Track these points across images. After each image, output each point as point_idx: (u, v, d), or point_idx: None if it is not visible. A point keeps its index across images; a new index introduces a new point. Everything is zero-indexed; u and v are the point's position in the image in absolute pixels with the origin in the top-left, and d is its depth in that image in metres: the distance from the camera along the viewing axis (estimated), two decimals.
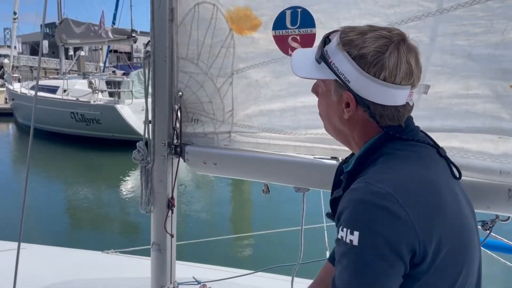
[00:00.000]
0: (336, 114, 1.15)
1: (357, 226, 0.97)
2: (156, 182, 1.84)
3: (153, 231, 1.89)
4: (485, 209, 1.32)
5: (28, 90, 18.56)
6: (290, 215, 6.72)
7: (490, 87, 1.25)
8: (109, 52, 26.36)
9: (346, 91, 1.10)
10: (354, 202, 1.00)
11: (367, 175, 1.04)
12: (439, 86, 1.32)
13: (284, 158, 1.69)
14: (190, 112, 1.86)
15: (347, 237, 0.98)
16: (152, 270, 1.91)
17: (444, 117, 1.33)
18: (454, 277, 1.04)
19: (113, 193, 10.38)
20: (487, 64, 1.24)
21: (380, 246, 0.96)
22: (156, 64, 1.79)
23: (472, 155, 1.33)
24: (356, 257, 0.97)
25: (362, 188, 1.01)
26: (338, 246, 1.02)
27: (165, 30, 1.77)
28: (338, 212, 1.04)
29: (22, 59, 40.00)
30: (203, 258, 3.31)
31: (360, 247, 0.96)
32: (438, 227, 0.99)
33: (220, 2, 1.71)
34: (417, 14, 1.31)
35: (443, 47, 1.30)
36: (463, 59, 1.27)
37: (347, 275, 0.99)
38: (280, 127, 1.70)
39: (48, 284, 2.46)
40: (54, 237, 6.69)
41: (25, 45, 46.57)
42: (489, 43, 1.23)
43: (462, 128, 1.32)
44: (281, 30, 1.60)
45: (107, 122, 14.85)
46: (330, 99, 1.15)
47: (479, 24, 1.22)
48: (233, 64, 1.74)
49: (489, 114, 1.27)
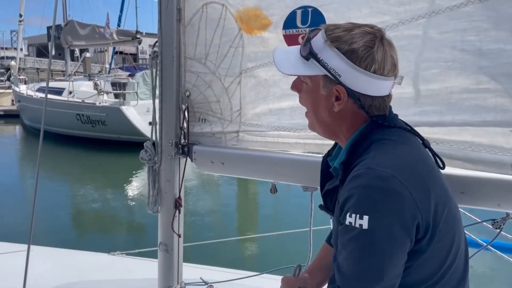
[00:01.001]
0: (326, 109, 1.19)
1: (366, 210, 1.01)
2: (163, 182, 1.84)
3: (160, 231, 1.88)
4: (496, 207, 1.32)
5: (34, 92, 18.65)
6: (297, 217, 6.72)
7: (500, 82, 1.27)
8: (114, 53, 26.47)
9: (337, 85, 1.15)
10: (360, 188, 1.04)
11: (366, 161, 1.08)
12: (450, 81, 1.33)
13: (292, 157, 1.69)
14: (197, 112, 1.85)
15: (356, 222, 1.02)
16: (159, 270, 1.91)
17: (455, 112, 1.34)
18: (449, 246, 1.11)
19: (119, 194, 10.40)
20: (497, 58, 1.26)
21: (390, 227, 1.02)
22: (163, 64, 1.79)
23: (484, 148, 1.34)
24: (366, 241, 1.02)
25: (365, 173, 1.05)
26: (345, 232, 1.06)
27: (173, 30, 1.77)
28: (341, 200, 1.08)
29: (29, 61, 40.29)
30: (210, 260, 3.30)
31: (370, 230, 1.01)
32: (434, 198, 1.06)
33: (229, 2, 1.71)
34: (427, 11, 1.32)
35: (454, 43, 1.31)
36: (474, 54, 1.28)
37: (355, 259, 1.04)
38: (290, 125, 1.70)
39: (55, 286, 2.47)
40: (60, 238, 6.71)
41: (32, 47, 46.90)
42: (499, 38, 1.25)
43: (473, 122, 1.32)
44: (291, 29, 1.61)
45: (113, 123, 14.90)
46: (318, 94, 1.19)
47: (488, 20, 1.24)
48: (241, 63, 1.74)
49: (500, 108, 1.28)
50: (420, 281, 1.10)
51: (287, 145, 1.73)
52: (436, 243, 1.07)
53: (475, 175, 1.32)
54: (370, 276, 1.04)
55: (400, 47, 1.23)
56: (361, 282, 1.05)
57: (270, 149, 1.75)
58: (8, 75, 27.47)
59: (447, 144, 1.37)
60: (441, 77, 1.33)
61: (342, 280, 1.08)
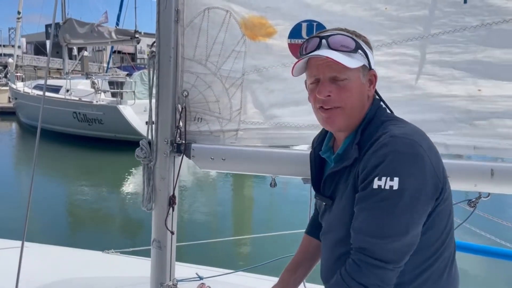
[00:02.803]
0: (365, 95, 1.33)
1: (396, 173, 1.13)
2: (158, 179, 1.86)
3: (154, 228, 1.90)
4: (473, 187, 1.65)
5: (31, 90, 18.61)
6: (292, 219, 6.74)
7: (465, 90, 1.66)
8: (112, 52, 26.43)
9: (371, 70, 1.33)
10: (389, 154, 1.15)
11: (388, 133, 1.20)
12: (430, 89, 1.69)
13: (292, 151, 1.81)
14: (193, 111, 1.88)
15: (386, 184, 1.13)
16: (152, 267, 1.92)
17: (433, 110, 1.69)
18: (449, 211, 1.26)
19: (114, 193, 10.40)
20: (465, 74, 1.65)
21: (417, 188, 1.14)
22: (160, 64, 1.81)
23: (452, 136, 1.72)
24: (396, 200, 1.12)
25: (392, 141, 1.17)
26: (371, 195, 1.16)
27: (170, 31, 1.79)
28: (368, 168, 1.18)
29: (26, 59, 40.16)
30: (203, 260, 3.32)
31: (400, 190, 1.12)
32: (442, 165, 1.23)
33: (234, 10, 1.77)
34: (414, 36, 1.67)
35: (434, 61, 1.67)
36: (449, 70, 1.66)
37: (381, 217, 1.14)
38: (292, 123, 1.82)
39: (48, 283, 2.47)
40: (55, 236, 6.71)
41: (29, 44, 46.75)
42: (466, 60, 1.64)
43: (446, 119, 1.69)
44: (297, 39, 1.73)
45: (109, 122, 14.89)
46: (359, 83, 1.31)
47: (458, 46, 1.64)
48: (244, 66, 1.81)
49: (464, 108, 1.68)
50: (430, 243, 1.22)
51: (290, 140, 1.84)
52: (441, 205, 1.21)
53: (457, 162, 1.66)
54: (396, 231, 1.14)
55: (393, 61, 1.69)
56: (387, 238, 1.14)
57: (272, 145, 1.85)
58: (5, 72, 27.37)
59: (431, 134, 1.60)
60: (424, 86, 1.69)
61: (366, 240, 1.17)
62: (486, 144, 1.67)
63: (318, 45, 1.30)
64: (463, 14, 1.60)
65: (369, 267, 1.15)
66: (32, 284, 2.34)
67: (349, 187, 1.27)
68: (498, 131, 1.65)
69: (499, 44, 1.60)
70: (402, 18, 1.66)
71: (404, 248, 1.16)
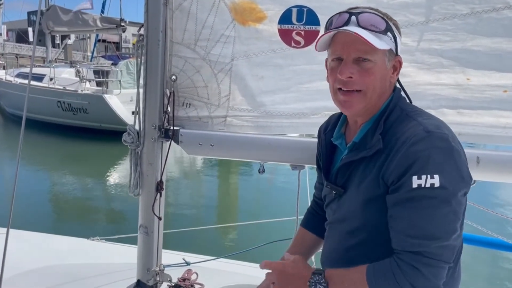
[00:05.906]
0: (387, 81, 1.28)
1: (436, 170, 1.09)
2: (145, 165, 1.84)
3: (141, 214, 1.89)
4: None
5: (13, 78, 18.24)
6: (277, 207, 6.73)
7: (454, 79, 1.67)
8: (97, 41, 26.03)
9: (397, 56, 1.28)
10: (426, 151, 1.11)
11: (421, 127, 1.15)
12: (419, 77, 1.69)
13: (281, 138, 1.82)
14: (181, 96, 1.87)
15: (427, 182, 1.09)
16: (139, 252, 1.91)
17: (420, 98, 1.67)
18: (465, 200, 1.21)
19: (99, 183, 10.31)
20: (453, 63, 1.66)
21: (459, 182, 1.12)
22: (148, 47, 1.79)
23: None
24: (440, 198, 1.09)
25: (427, 136, 1.12)
26: (413, 196, 1.11)
27: (159, 14, 1.77)
28: (403, 166, 1.12)
29: (8, 47, 39.33)
30: (189, 247, 3.32)
31: (442, 187, 1.09)
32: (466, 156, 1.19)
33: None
34: (405, 23, 1.64)
35: (423, 49, 1.67)
36: (437, 58, 1.67)
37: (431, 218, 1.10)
38: (282, 111, 1.81)
39: (33, 269, 2.45)
40: (40, 225, 6.63)
41: (11, 32, 45.77)
42: (455, 48, 1.64)
43: (432, 106, 1.69)
44: (287, 25, 1.73)
45: (95, 111, 14.69)
46: (384, 67, 1.25)
47: (448, 34, 1.64)
48: (233, 52, 1.79)
49: (451, 97, 1.69)
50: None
51: (278, 129, 1.82)
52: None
53: None
54: (447, 229, 1.12)
55: None
56: (439, 239, 1.11)
57: (261, 133, 1.84)
58: None
59: None
60: (414, 74, 1.70)
61: (422, 244, 1.11)
62: (471, 131, 1.69)
63: (347, 21, 1.22)
64: (454, 2, 1.60)
65: (430, 268, 1.11)
66: (17, 270, 2.31)
67: (368, 178, 1.21)
68: (485, 119, 1.67)
69: (488, 33, 1.60)
70: (392, 5, 1.65)
71: (455, 243, 1.14)
